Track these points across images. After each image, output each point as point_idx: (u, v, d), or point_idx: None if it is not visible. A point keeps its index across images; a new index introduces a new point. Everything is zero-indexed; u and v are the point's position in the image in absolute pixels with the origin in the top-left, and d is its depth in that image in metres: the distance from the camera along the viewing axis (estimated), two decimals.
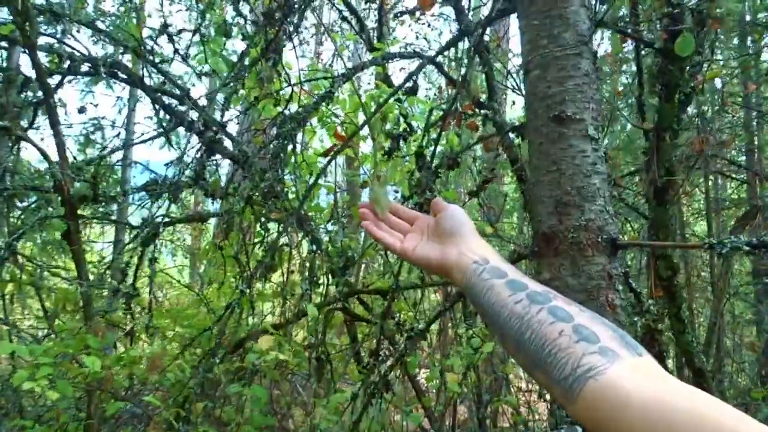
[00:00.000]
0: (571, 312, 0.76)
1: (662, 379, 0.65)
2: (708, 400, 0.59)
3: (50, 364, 3.08)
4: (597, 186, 1.61)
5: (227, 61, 3.51)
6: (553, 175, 1.64)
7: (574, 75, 1.66)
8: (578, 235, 1.58)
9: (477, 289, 0.86)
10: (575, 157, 1.62)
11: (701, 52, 2.76)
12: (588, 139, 1.63)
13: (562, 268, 1.59)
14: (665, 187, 2.80)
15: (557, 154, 1.64)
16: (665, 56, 2.60)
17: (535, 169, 1.69)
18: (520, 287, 0.82)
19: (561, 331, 0.73)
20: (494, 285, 0.84)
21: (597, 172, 1.63)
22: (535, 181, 1.69)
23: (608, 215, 1.62)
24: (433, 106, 3.11)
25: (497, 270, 0.87)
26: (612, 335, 0.72)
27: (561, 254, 1.60)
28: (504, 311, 0.81)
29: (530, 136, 1.72)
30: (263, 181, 3.42)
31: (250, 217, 3.54)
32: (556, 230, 1.61)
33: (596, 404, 0.65)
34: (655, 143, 2.78)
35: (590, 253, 1.57)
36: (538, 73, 1.70)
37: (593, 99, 1.67)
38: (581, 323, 0.74)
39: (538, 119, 1.69)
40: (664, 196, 2.80)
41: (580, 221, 1.59)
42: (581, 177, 1.61)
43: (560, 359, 0.71)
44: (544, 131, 1.67)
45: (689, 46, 2.32)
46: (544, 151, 1.66)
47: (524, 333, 0.77)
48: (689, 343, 3.05)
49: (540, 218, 1.66)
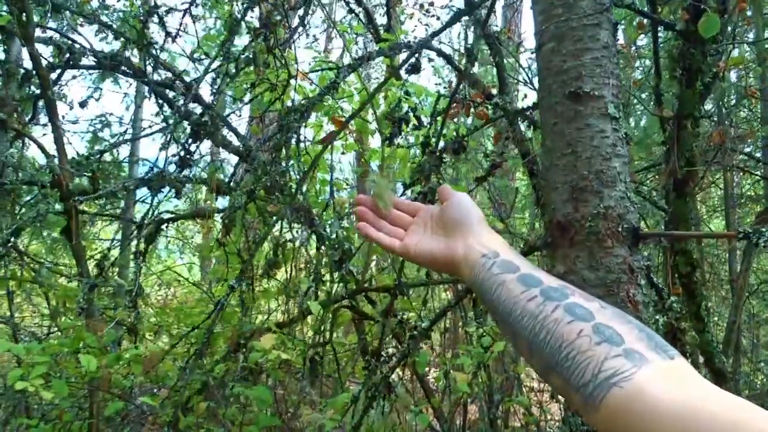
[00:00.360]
0: (591, 309, 0.68)
1: (697, 386, 0.57)
2: (756, 411, 0.50)
3: (45, 364, 2.96)
4: (617, 170, 1.44)
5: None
6: (569, 158, 1.46)
7: (592, 47, 1.48)
8: (596, 224, 1.41)
9: (486, 286, 0.78)
10: (593, 138, 1.45)
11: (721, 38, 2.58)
12: (607, 118, 1.45)
13: (579, 260, 1.42)
14: (686, 179, 2.61)
15: (573, 134, 1.46)
16: (687, 38, 2.41)
17: (549, 151, 1.52)
18: (534, 282, 0.73)
19: (580, 331, 0.65)
20: (505, 281, 0.76)
21: (617, 155, 1.45)
22: (548, 165, 1.52)
23: (629, 202, 1.44)
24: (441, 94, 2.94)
25: (509, 264, 0.78)
26: (638, 335, 0.63)
27: (577, 245, 1.43)
28: (516, 309, 0.72)
29: (544, 115, 1.55)
30: (265, 174, 3.27)
31: (254, 212, 3.40)
32: (572, 219, 1.44)
33: (621, 415, 0.58)
34: (675, 132, 2.59)
35: (609, 243, 1.40)
36: (552, 45, 1.52)
37: (613, 74, 1.49)
38: (603, 322, 0.65)
39: (552, 96, 1.51)
40: (684, 188, 2.62)
41: (598, 209, 1.41)
42: (600, 160, 1.43)
43: (579, 363, 0.63)
44: (558, 110, 1.49)
45: (714, 26, 2.13)
46: (559, 131, 1.49)
47: (539, 334, 0.69)
48: (709, 342, 2.86)
49: (554, 206, 1.49)
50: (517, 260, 0.79)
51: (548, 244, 1.50)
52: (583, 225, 1.42)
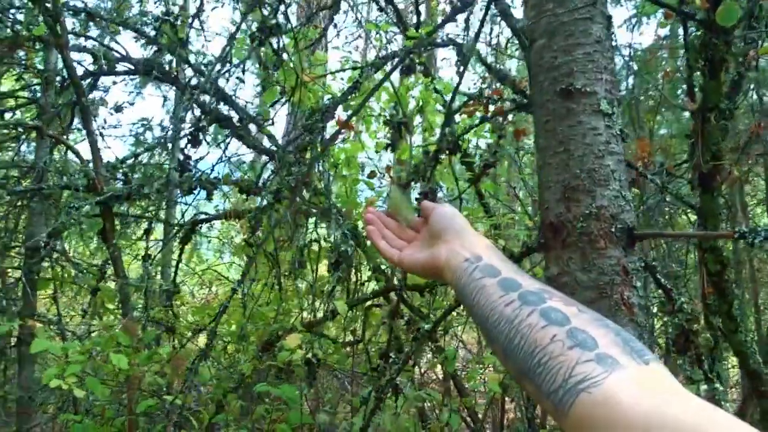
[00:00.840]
0: (568, 313, 0.66)
1: (670, 393, 0.54)
2: (721, 417, 0.49)
3: (79, 362, 3.05)
4: (611, 168, 1.39)
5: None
6: (561, 156, 1.42)
7: (584, 42, 1.43)
8: (588, 225, 1.36)
9: (467, 290, 0.77)
10: (585, 136, 1.40)
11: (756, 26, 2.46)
12: (600, 115, 1.40)
13: (571, 261, 1.38)
14: (712, 173, 2.51)
15: (565, 132, 1.42)
16: (708, 28, 2.31)
17: (542, 150, 1.47)
18: (513, 287, 0.72)
19: (553, 336, 0.63)
20: (485, 285, 0.75)
21: (611, 153, 1.40)
22: (542, 164, 1.47)
23: (624, 201, 1.39)
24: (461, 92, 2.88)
25: (490, 268, 0.77)
26: (614, 339, 0.61)
27: (569, 246, 1.38)
28: (493, 314, 0.71)
29: (536, 113, 1.50)
30: (290, 174, 3.29)
31: (281, 213, 3.43)
32: (564, 219, 1.39)
33: (589, 421, 0.56)
34: (699, 125, 2.49)
35: (602, 244, 1.35)
36: (544, 42, 1.48)
37: (606, 69, 1.43)
38: (578, 326, 0.63)
39: (544, 94, 1.47)
40: (711, 182, 2.51)
41: (590, 209, 1.36)
42: (592, 158, 1.38)
43: (551, 368, 0.62)
44: (550, 107, 1.45)
45: (732, 15, 2.04)
46: (551, 129, 1.44)
47: (513, 339, 0.67)
48: (743, 342, 2.74)
49: (547, 206, 1.45)
50: (500, 264, 0.78)
51: (541, 245, 1.46)
52: (575, 225, 1.37)
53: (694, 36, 2.47)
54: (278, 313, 3.52)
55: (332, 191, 3.97)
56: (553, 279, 1.41)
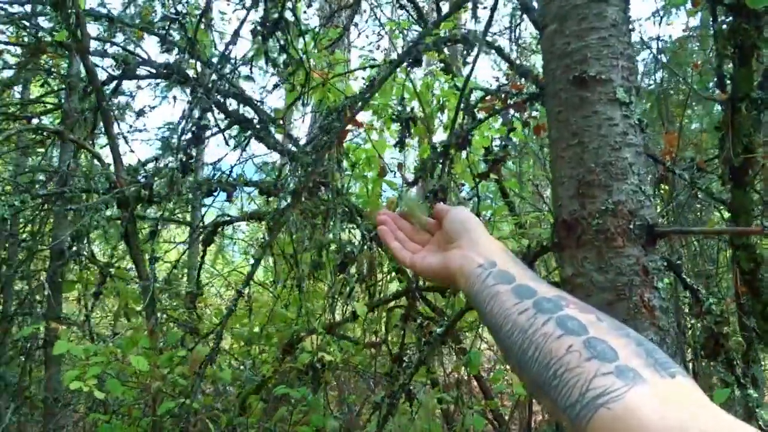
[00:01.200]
0: (585, 322, 0.62)
1: (697, 407, 0.50)
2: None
3: (100, 364, 3.03)
4: (628, 161, 1.27)
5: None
6: (575, 149, 1.31)
7: (598, 26, 1.32)
8: (605, 222, 1.25)
9: (480, 298, 0.74)
10: (601, 127, 1.29)
11: None
12: (616, 104, 1.29)
13: (587, 261, 1.27)
14: (743, 167, 2.36)
15: (579, 123, 1.31)
16: (738, 12, 2.17)
17: (554, 143, 1.37)
18: (528, 294, 0.69)
19: (570, 346, 0.60)
20: (499, 292, 0.72)
21: (628, 144, 1.28)
22: (554, 157, 1.37)
23: (644, 196, 1.27)
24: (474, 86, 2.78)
25: (504, 274, 0.74)
26: (635, 350, 0.58)
27: (584, 245, 1.27)
28: (507, 323, 0.68)
29: (548, 104, 1.40)
30: (307, 175, 3.22)
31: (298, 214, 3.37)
32: (579, 216, 1.29)
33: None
34: (729, 116, 2.35)
35: (620, 243, 1.24)
36: (555, 27, 1.37)
37: (623, 54, 1.32)
38: (596, 336, 0.60)
39: (556, 83, 1.36)
40: (742, 176, 2.37)
41: (606, 204, 1.25)
42: (608, 150, 1.27)
43: (567, 381, 0.58)
44: (562, 96, 1.34)
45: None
46: (563, 120, 1.33)
47: (527, 350, 0.64)
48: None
49: (560, 202, 1.34)
50: (515, 270, 0.74)
51: (555, 244, 1.35)
52: (590, 223, 1.26)
53: (723, 21, 2.33)
54: (299, 315, 3.45)
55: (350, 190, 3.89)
56: (567, 280, 1.30)
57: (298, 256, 3.65)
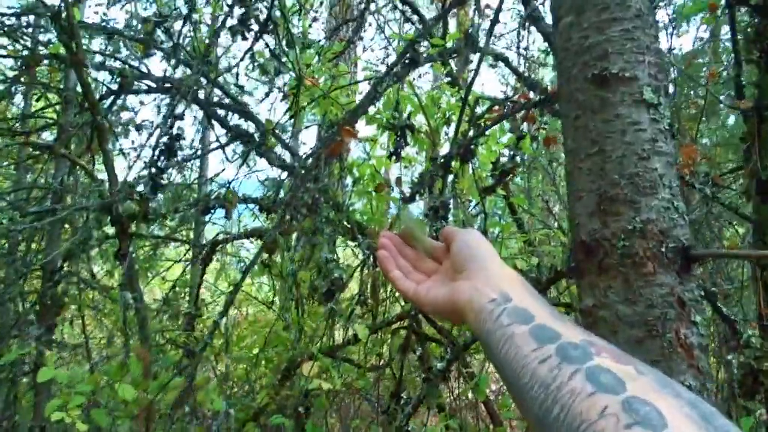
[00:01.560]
0: (623, 376, 0.50)
1: None
2: None
3: (83, 394, 2.83)
4: (658, 172, 1.07)
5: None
6: (595, 159, 1.11)
7: (621, 17, 1.13)
8: (632, 244, 1.05)
9: (493, 339, 0.62)
10: (625, 132, 1.09)
11: None
12: (643, 106, 1.09)
13: (611, 291, 1.06)
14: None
15: (599, 128, 1.11)
16: (764, 14, 1.98)
17: (570, 152, 1.17)
18: (549, 337, 0.57)
19: (604, 408, 0.47)
20: (514, 334, 0.60)
21: (658, 153, 1.08)
22: (571, 169, 1.17)
23: (677, 213, 1.07)
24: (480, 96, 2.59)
25: (521, 311, 0.62)
26: (688, 415, 0.45)
27: (608, 271, 1.07)
28: (525, 374, 0.56)
29: (563, 107, 1.20)
30: (307, 191, 3.03)
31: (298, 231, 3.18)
32: (600, 237, 1.08)
33: None
34: (756, 125, 2.14)
35: (650, 269, 1.03)
36: (571, 19, 1.18)
37: (650, 49, 1.13)
38: (637, 395, 0.47)
39: (572, 83, 1.17)
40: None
41: (633, 223, 1.05)
42: (635, 160, 1.07)
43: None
44: (580, 99, 1.15)
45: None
46: (581, 126, 1.14)
47: (550, 409, 0.52)
48: None
49: (578, 221, 1.14)
50: (534, 306, 0.62)
51: (573, 269, 1.15)
52: (614, 245, 1.06)
53: (748, 24, 2.13)
54: (297, 339, 3.25)
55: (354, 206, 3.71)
56: (587, 312, 1.10)
57: (298, 276, 3.45)
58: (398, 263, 0.83)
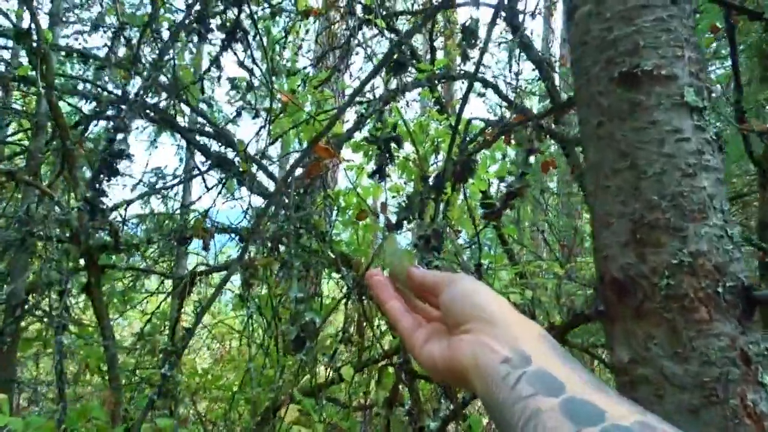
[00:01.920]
0: None
1: None
2: None
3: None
4: (707, 192, 0.84)
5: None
6: (626, 176, 0.87)
7: (653, 3, 0.90)
8: (679, 283, 0.81)
9: (509, 414, 0.45)
10: (663, 143, 0.86)
11: None
12: (685, 111, 0.86)
13: (653, 343, 0.82)
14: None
15: (630, 138, 0.88)
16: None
17: (593, 168, 0.93)
18: (589, 416, 0.40)
19: None
20: (540, 411, 0.43)
21: (706, 168, 0.85)
22: (593, 188, 0.93)
23: (731, 244, 0.83)
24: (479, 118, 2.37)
25: (546, 378, 0.45)
26: None
27: (648, 317, 0.83)
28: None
29: (582, 114, 0.97)
30: (287, 220, 2.79)
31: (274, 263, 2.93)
32: (637, 274, 0.84)
33: None
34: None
35: (705, 315, 0.79)
36: (590, 8, 0.95)
37: (689, 43, 0.90)
38: None
39: (593, 84, 0.93)
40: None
41: (680, 257, 0.81)
42: (677, 177, 0.84)
43: None
44: (604, 103, 0.91)
45: None
46: (607, 136, 0.90)
47: None
48: None
49: (606, 253, 0.90)
50: (563, 370, 0.46)
51: (601, 313, 0.90)
52: (655, 284, 0.82)
53: (761, 39, 1.94)
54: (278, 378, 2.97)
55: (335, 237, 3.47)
56: (623, 370, 0.85)
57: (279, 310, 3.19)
58: (396, 292, 0.65)
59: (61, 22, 3.89)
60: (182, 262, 5.68)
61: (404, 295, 0.65)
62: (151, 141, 5.82)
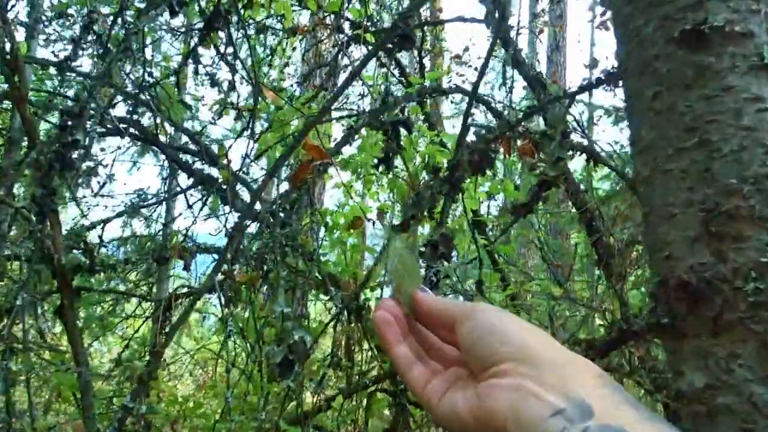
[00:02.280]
0: None
1: None
2: None
3: None
4: None
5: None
6: (693, 155, 0.69)
7: None
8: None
9: None
10: (741, 114, 0.68)
11: None
12: (765, 74, 0.69)
13: (737, 363, 0.63)
14: None
15: (697, 109, 0.70)
16: None
17: (648, 149, 0.75)
18: None
19: None
20: None
21: None
22: (648, 173, 0.75)
23: None
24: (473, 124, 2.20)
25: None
26: None
27: (730, 331, 0.64)
28: None
29: (630, 85, 0.79)
30: (273, 238, 2.59)
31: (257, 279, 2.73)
32: (714, 276, 0.65)
33: None
34: None
35: None
36: None
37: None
38: None
39: (647, 47, 0.76)
40: None
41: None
42: (761, 154, 0.66)
43: None
44: (662, 69, 0.74)
45: None
46: (666, 107, 0.72)
47: None
48: None
49: (669, 251, 0.71)
50: (634, 421, 0.34)
51: (663, 327, 0.71)
52: (739, 288, 0.63)
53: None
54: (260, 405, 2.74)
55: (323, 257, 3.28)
56: (695, 398, 0.66)
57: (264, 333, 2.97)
58: (405, 334, 0.52)
59: (38, 36, 3.69)
60: (163, 285, 5.44)
61: (414, 327, 0.52)
62: (134, 162, 5.60)
